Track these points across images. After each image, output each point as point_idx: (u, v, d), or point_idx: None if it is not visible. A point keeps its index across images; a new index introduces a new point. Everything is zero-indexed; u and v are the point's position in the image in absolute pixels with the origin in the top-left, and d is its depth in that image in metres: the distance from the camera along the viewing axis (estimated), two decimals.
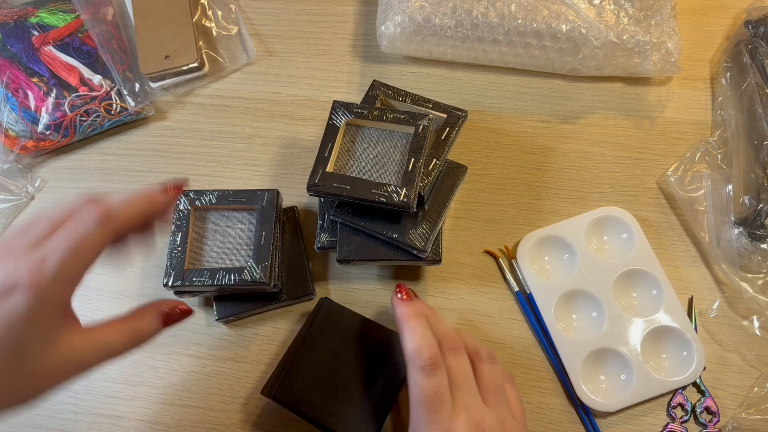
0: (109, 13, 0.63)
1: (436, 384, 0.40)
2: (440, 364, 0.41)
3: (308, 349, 0.46)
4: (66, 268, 0.34)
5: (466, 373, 0.42)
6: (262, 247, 0.48)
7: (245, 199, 0.50)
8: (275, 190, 0.51)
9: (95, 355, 0.37)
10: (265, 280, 0.47)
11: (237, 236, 0.50)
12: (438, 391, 0.40)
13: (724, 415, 0.49)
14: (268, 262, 0.47)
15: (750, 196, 0.53)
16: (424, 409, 0.39)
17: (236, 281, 0.47)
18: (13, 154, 0.57)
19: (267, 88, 0.62)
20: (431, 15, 0.56)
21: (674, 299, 0.51)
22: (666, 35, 0.57)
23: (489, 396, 0.41)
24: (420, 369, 0.40)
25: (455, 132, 0.51)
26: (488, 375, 0.42)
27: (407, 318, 0.43)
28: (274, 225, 0.49)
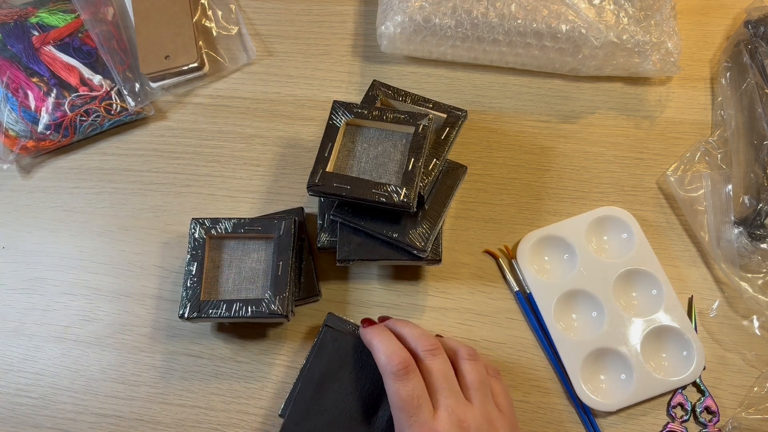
0: (109, 13, 0.63)
1: (410, 387, 0.40)
2: (412, 368, 0.41)
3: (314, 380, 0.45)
4: None
5: (445, 374, 0.42)
6: (279, 278, 0.47)
7: (261, 228, 0.49)
8: (292, 219, 0.50)
9: None
10: (283, 312, 0.46)
11: (253, 266, 0.49)
12: (414, 394, 0.40)
13: (724, 415, 0.49)
14: (285, 293, 0.47)
15: (750, 195, 0.53)
16: (403, 413, 0.40)
17: (253, 313, 0.46)
18: (13, 154, 0.57)
19: (267, 88, 0.62)
20: (431, 15, 0.56)
21: (674, 299, 0.51)
22: (666, 35, 0.57)
23: (472, 393, 0.42)
24: (393, 375, 0.41)
25: (455, 132, 0.51)
26: (470, 372, 0.43)
27: (372, 336, 0.44)
28: (292, 254, 0.48)
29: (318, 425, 0.44)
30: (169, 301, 0.53)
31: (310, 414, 0.44)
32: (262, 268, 0.49)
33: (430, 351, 0.43)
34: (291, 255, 0.48)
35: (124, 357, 0.52)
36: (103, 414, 0.50)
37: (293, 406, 0.45)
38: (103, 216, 0.57)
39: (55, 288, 0.55)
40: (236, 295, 0.48)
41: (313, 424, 0.44)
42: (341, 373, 0.45)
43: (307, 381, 0.45)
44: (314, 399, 0.45)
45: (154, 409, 0.50)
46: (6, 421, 0.50)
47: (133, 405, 0.50)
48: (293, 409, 0.44)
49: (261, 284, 0.48)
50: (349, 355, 0.46)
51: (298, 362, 0.51)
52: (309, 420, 0.44)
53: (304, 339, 0.52)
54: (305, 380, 0.45)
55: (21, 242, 0.57)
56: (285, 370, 0.51)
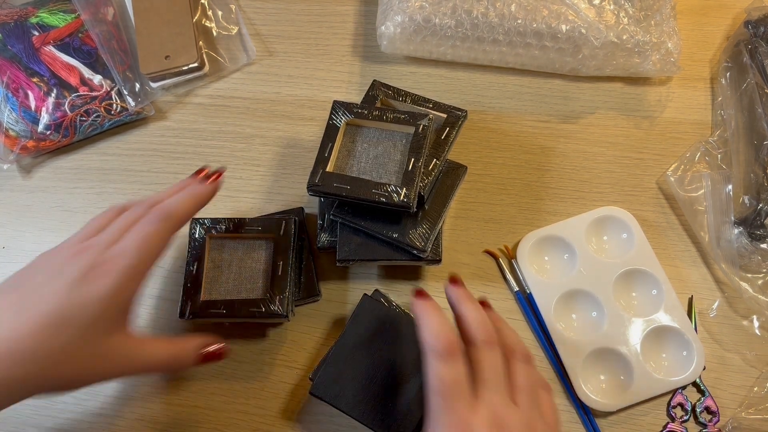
0: (109, 13, 0.63)
1: (454, 372, 0.37)
2: (458, 351, 0.38)
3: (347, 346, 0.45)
4: (136, 262, 0.39)
5: (496, 369, 0.39)
6: (279, 278, 0.47)
7: (261, 228, 0.49)
8: (293, 219, 0.49)
9: (137, 361, 0.41)
10: (283, 312, 0.46)
11: (253, 265, 0.49)
12: (456, 379, 0.37)
13: (724, 415, 0.49)
14: (285, 294, 0.47)
15: (750, 195, 0.53)
16: (440, 397, 0.37)
17: (253, 314, 0.46)
18: (14, 154, 0.57)
19: (267, 88, 0.62)
20: (431, 15, 0.56)
21: (674, 299, 0.51)
22: (666, 35, 0.57)
23: (520, 396, 0.38)
24: (436, 355, 0.37)
25: (455, 132, 0.51)
26: (521, 374, 0.39)
27: (423, 310, 0.40)
28: (292, 254, 0.48)
29: (345, 390, 0.44)
30: (169, 301, 0.53)
31: (339, 379, 0.44)
32: (262, 268, 0.49)
33: (488, 342, 0.39)
34: (291, 255, 0.48)
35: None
36: (103, 414, 0.50)
37: (324, 368, 0.45)
38: None
39: None
40: (236, 295, 0.48)
41: (340, 389, 0.44)
42: (375, 343, 0.45)
43: (341, 346, 0.45)
44: (345, 364, 0.45)
45: (154, 409, 0.50)
46: (6, 422, 0.50)
47: (133, 405, 0.50)
48: (324, 372, 0.44)
49: (261, 284, 0.48)
50: (386, 325, 0.46)
51: (298, 362, 0.51)
52: (337, 384, 0.44)
53: (304, 339, 0.52)
54: (339, 345, 0.45)
55: (21, 242, 0.57)
56: (285, 370, 0.51)
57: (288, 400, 0.50)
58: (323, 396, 0.44)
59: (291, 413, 0.50)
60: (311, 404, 0.50)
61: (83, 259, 0.38)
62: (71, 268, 0.38)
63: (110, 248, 0.39)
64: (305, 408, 0.50)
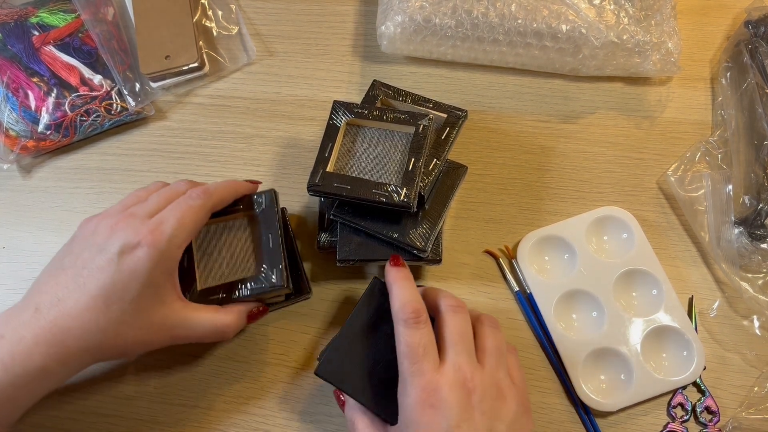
0: (109, 13, 0.63)
1: (419, 336, 0.39)
2: (424, 318, 0.41)
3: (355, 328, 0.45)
4: (177, 232, 0.41)
5: (462, 332, 0.41)
6: (272, 251, 0.47)
7: (243, 206, 0.49)
8: (272, 191, 0.49)
9: (189, 327, 0.43)
10: (283, 283, 0.46)
11: (243, 245, 0.49)
12: (421, 342, 0.39)
13: (725, 415, 0.49)
14: (281, 264, 0.46)
15: (750, 195, 0.53)
16: (408, 360, 0.39)
17: (254, 290, 0.46)
18: (14, 154, 0.57)
19: (267, 88, 0.62)
20: (431, 15, 0.56)
21: (674, 299, 0.51)
22: (666, 35, 0.57)
23: (486, 357, 0.40)
24: (403, 322, 0.40)
25: (455, 132, 0.51)
26: (488, 337, 0.42)
27: (394, 279, 0.43)
28: (279, 226, 0.48)
29: (350, 372, 0.43)
30: None
31: (345, 360, 0.43)
32: (251, 246, 0.49)
33: (453, 307, 0.42)
34: (278, 226, 0.48)
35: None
36: (103, 414, 0.50)
37: (330, 350, 0.44)
38: None
39: None
40: (233, 277, 0.47)
41: (347, 370, 0.43)
42: (383, 326, 0.44)
43: (349, 327, 0.44)
44: (352, 346, 0.44)
45: (154, 409, 0.50)
46: None
47: (133, 405, 0.50)
48: (329, 354, 0.44)
49: (254, 261, 0.48)
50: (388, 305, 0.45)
51: (297, 362, 0.51)
52: (343, 366, 0.43)
53: (304, 339, 0.52)
54: (347, 326, 0.45)
55: (21, 242, 0.57)
56: (285, 369, 0.51)
57: (287, 399, 0.50)
58: (328, 377, 0.43)
59: (291, 413, 0.50)
60: (311, 404, 0.50)
61: (124, 231, 0.41)
62: (113, 241, 0.40)
63: (150, 219, 0.42)
64: (305, 408, 0.50)
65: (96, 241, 0.41)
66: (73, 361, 0.40)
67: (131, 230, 0.41)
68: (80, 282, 0.40)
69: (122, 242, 0.40)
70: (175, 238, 0.41)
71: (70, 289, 0.40)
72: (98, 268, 0.40)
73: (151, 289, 0.41)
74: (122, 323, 0.40)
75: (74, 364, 0.40)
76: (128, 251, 0.40)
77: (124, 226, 0.41)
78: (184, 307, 0.43)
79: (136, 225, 0.41)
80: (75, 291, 0.40)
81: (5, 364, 0.38)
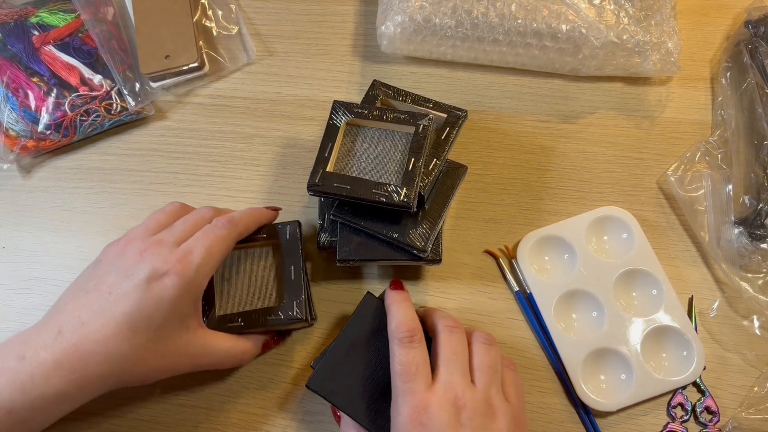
0: (109, 12, 0.63)
1: (411, 355, 0.40)
2: (418, 338, 0.41)
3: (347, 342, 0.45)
4: (205, 261, 0.42)
5: (456, 351, 0.41)
6: (293, 283, 0.47)
7: (266, 234, 0.49)
8: (297, 222, 0.50)
9: (210, 354, 0.44)
10: (302, 317, 0.46)
11: (263, 273, 0.49)
12: (413, 362, 0.40)
13: (725, 415, 0.49)
14: (302, 297, 0.47)
15: (750, 195, 0.53)
16: (400, 378, 0.40)
17: (272, 321, 0.46)
18: (14, 153, 0.57)
19: (267, 88, 0.62)
20: (431, 15, 0.56)
21: (674, 299, 0.51)
22: (666, 35, 0.57)
23: (478, 375, 0.41)
24: (398, 341, 0.41)
25: (455, 132, 0.51)
26: (481, 354, 0.42)
27: (392, 301, 0.44)
28: (301, 258, 0.48)
29: (343, 385, 0.44)
30: None
31: (337, 374, 0.44)
32: (272, 275, 0.49)
33: (449, 327, 0.42)
34: (301, 257, 0.48)
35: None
36: (103, 414, 0.50)
37: (323, 363, 0.44)
38: (103, 216, 0.57)
39: (55, 288, 0.54)
40: (251, 306, 0.48)
41: (338, 384, 0.44)
42: (375, 341, 0.45)
43: (341, 341, 0.45)
44: (344, 360, 0.44)
45: (154, 409, 0.50)
46: None
47: (134, 405, 0.50)
48: (322, 367, 0.44)
49: (275, 291, 0.48)
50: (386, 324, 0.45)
51: (298, 362, 0.51)
52: (335, 379, 0.44)
53: (304, 339, 0.52)
54: (339, 340, 0.45)
55: (21, 242, 0.57)
56: (285, 369, 0.51)
57: (288, 399, 0.50)
58: (318, 390, 0.44)
59: (291, 413, 0.50)
60: (311, 404, 0.50)
61: (152, 258, 0.41)
62: (141, 267, 0.40)
63: (178, 247, 0.42)
64: (305, 408, 0.50)
65: (123, 265, 0.41)
66: (92, 387, 0.39)
67: (160, 258, 0.40)
68: (105, 306, 0.39)
69: (150, 269, 0.40)
70: (203, 267, 0.41)
71: (95, 312, 0.39)
72: (124, 294, 0.39)
73: (176, 317, 0.41)
74: (146, 350, 0.40)
75: (93, 390, 0.39)
76: (156, 279, 0.40)
77: (152, 253, 0.41)
78: (205, 335, 0.44)
79: (164, 253, 0.41)
80: (100, 315, 0.39)
81: (24, 385, 0.37)
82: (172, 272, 0.40)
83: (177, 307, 0.40)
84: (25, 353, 0.37)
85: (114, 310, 0.39)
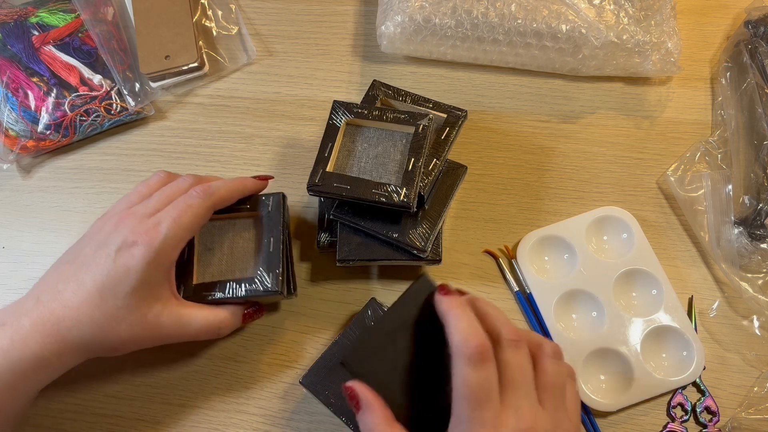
0: (109, 12, 0.63)
1: (483, 377, 0.35)
2: (489, 354, 0.36)
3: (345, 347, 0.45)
4: (173, 232, 0.42)
5: (524, 371, 0.37)
6: (271, 255, 0.47)
7: (250, 206, 0.49)
8: (280, 194, 0.50)
9: (183, 324, 0.44)
10: (278, 288, 0.46)
11: (244, 245, 0.49)
12: (485, 386, 0.35)
13: (724, 415, 0.49)
14: (279, 269, 0.46)
15: (750, 195, 0.53)
16: (468, 404, 0.35)
17: (248, 292, 0.46)
18: (13, 153, 0.57)
19: (267, 88, 0.62)
20: (431, 15, 0.56)
21: (674, 299, 0.51)
22: (666, 35, 0.57)
23: (547, 397, 0.37)
24: (466, 359, 0.35)
25: (455, 132, 0.51)
26: (551, 373, 0.38)
27: (450, 308, 0.38)
28: (282, 230, 0.48)
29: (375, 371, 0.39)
30: None
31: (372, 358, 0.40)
32: (253, 246, 0.49)
33: (515, 341, 0.38)
34: (281, 231, 0.48)
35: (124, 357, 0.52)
36: (103, 414, 0.50)
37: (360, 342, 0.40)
38: None
39: None
40: (230, 275, 0.48)
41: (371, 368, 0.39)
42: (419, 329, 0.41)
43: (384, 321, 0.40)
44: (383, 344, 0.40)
45: (154, 409, 0.50)
46: None
47: (133, 405, 0.50)
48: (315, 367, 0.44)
49: (254, 263, 0.48)
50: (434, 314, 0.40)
51: (298, 362, 0.51)
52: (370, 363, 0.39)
53: (304, 339, 0.52)
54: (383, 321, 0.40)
55: (21, 242, 0.57)
56: (285, 369, 0.51)
57: (288, 400, 0.50)
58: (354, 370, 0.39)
59: (290, 413, 0.50)
60: (311, 404, 0.50)
61: (124, 228, 0.42)
62: (113, 237, 0.42)
63: (150, 218, 0.43)
64: (305, 408, 0.50)
65: (98, 237, 0.43)
66: (68, 353, 0.41)
67: (130, 229, 0.42)
68: (79, 275, 0.42)
69: (121, 240, 0.42)
70: (170, 238, 0.42)
71: (70, 281, 0.41)
72: (96, 263, 0.41)
73: (145, 286, 0.42)
74: (115, 318, 0.41)
75: (68, 357, 0.41)
76: (125, 248, 0.41)
77: (124, 225, 0.43)
78: (179, 305, 0.44)
79: (134, 224, 0.43)
80: (73, 283, 0.41)
81: (4, 349, 0.39)
82: (140, 242, 0.41)
83: (145, 277, 0.41)
84: (6, 321, 0.41)
85: (86, 279, 0.41)
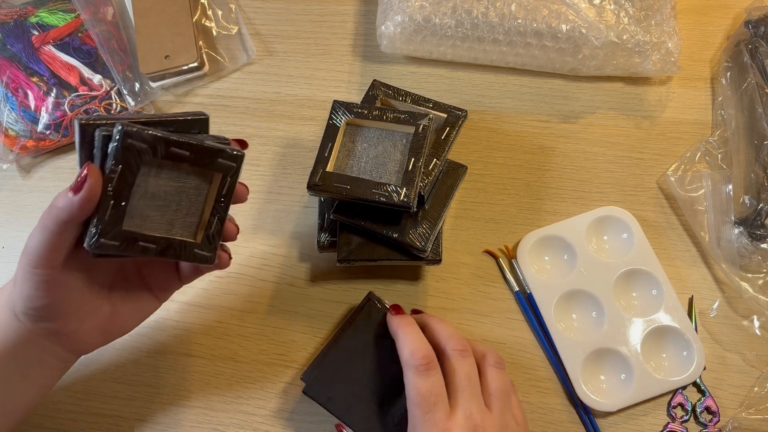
0: (109, 12, 0.63)
1: (431, 383, 0.40)
2: (435, 364, 0.41)
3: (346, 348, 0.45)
4: None
5: (470, 377, 0.41)
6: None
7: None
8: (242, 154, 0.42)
9: None
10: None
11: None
12: (433, 391, 0.40)
13: (725, 415, 0.49)
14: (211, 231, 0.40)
15: (750, 195, 0.53)
16: (420, 409, 0.39)
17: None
18: (13, 153, 0.57)
19: (267, 88, 0.62)
20: (431, 15, 0.56)
21: (674, 299, 0.51)
22: (666, 35, 0.57)
23: (494, 401, 0.41)
24: (414, 369, 0.40)
25: (455, 132, 0.51)
26: (495, 379, 0.42)
27: (398, 326, 0.44)
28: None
29: (339, 393, 0.44)
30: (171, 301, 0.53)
31: (334, 381, 0.44)
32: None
33: (460, 351, 0.42)
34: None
35: (124, 357, 0.52)
36: (103, 414, 0.50)
37: (321, 370, 0.44)
38: None
39: None
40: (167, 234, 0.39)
41: (335, 391, 0.44)
42: (374, 350, 0.45)
43: (341, 349, 0.45)
44: (343, 368, 0.45)
45: (154, 409, 0.50)
46: None
47: (133, 405, 0.50)
48: (319, 373, 0.44)
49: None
50: (386, 334, 0.45)
51: (297, 362, 0.51)
52: (332, 387, 0.44)
53: (304, 339, 0.52)
54: (339, 347, 0.45)
55: (21, 242, 0.56)
56: (285, 369, 0.51)
57: (287, 399, 0.50)
58: (315, 397, 0.44)
59: (290, 413, 0.50)
60: (311, 404, 0.50)
61: None
62: None
63: None
64: (305, 408, 0.50)
65: None
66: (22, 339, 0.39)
67: None
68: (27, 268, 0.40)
69: None
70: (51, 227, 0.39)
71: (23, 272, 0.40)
72: None
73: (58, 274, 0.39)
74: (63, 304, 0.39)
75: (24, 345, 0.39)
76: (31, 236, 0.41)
77: None
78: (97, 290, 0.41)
79: None
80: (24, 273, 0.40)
81: None
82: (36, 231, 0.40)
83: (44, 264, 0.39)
84: None
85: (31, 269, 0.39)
